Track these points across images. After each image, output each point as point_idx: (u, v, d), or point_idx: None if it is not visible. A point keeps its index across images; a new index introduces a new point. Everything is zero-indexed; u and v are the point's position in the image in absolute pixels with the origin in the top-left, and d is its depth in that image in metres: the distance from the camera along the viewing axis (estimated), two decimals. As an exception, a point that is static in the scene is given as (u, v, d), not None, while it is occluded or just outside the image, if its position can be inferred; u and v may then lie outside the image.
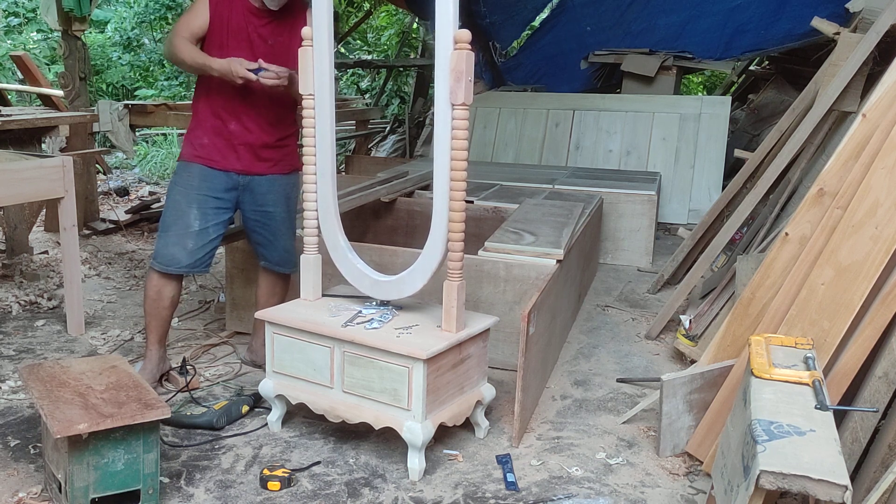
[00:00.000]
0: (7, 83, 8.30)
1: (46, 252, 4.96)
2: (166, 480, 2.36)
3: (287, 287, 3.20)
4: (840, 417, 2.23)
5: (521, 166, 6.40)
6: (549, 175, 5.57)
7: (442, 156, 2.36)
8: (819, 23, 4.11)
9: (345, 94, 11.24)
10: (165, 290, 2.97)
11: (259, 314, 2.70)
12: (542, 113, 6.85)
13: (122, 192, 7.11)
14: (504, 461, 2.53)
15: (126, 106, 5.90)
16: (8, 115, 4.64)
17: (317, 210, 2.70)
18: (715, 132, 6.30)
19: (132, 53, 10.99)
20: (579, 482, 2.44)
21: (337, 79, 10.89)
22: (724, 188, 4.69)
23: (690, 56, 7.05)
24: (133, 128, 6.30)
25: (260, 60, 2.77)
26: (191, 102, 3.17)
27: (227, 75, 2.77)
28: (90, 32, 10.05)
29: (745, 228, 4.02)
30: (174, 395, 2.94)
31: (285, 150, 3.05)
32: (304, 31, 2.61)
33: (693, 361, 3.20)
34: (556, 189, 5.03)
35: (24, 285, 4.23)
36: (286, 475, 2.35)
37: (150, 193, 7.14)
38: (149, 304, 3.00)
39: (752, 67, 8.54)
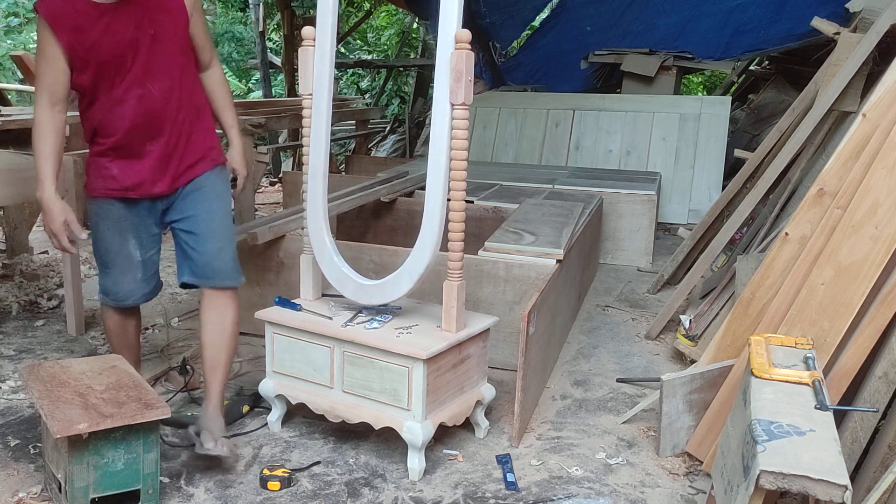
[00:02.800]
0: (7, 83, 8.30)
1: (46, 252, 4.95)
2: (166, 480, 2.36)
3: (236, 315, 2.59)
4: (840, 417, 2.23)
5: (521, 166, 6.40)
6: (549, 175, 5.57)
7: (437, 157, 2.35)
8: (819, 23, 4.11)
9: (345, 94, 11.25)
10: (128, 322, 2.71)
11: (259, 314, 2.67)
12: (542, 113, 6.85)
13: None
14: (504, 461, 2.53)
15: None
16: (8, 115, 4.63)
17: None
18: (715, 132, 6.30)
19: (132, 53, 10.97)
20: (579, 482, 2.44)
21: (337, 79, 10.88)
22: (724, 188, 4.69)
23: (690, 56, 7.05)
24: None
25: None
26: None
27: (47, 225, 2.34)
28: (90, 32, 10.02)
29: (745, 228, 4.01)
30: (174, 395, 2.94)
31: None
32: (306, 30, 2.59)
33: (693, 361, 3.20)
34: (556, 189, 5.03)
35: (24, 285, 4.23)
36: (286, 475, 2.36)
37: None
38: (115, 340, 2.72)
39: (752, 67, 8.55)
